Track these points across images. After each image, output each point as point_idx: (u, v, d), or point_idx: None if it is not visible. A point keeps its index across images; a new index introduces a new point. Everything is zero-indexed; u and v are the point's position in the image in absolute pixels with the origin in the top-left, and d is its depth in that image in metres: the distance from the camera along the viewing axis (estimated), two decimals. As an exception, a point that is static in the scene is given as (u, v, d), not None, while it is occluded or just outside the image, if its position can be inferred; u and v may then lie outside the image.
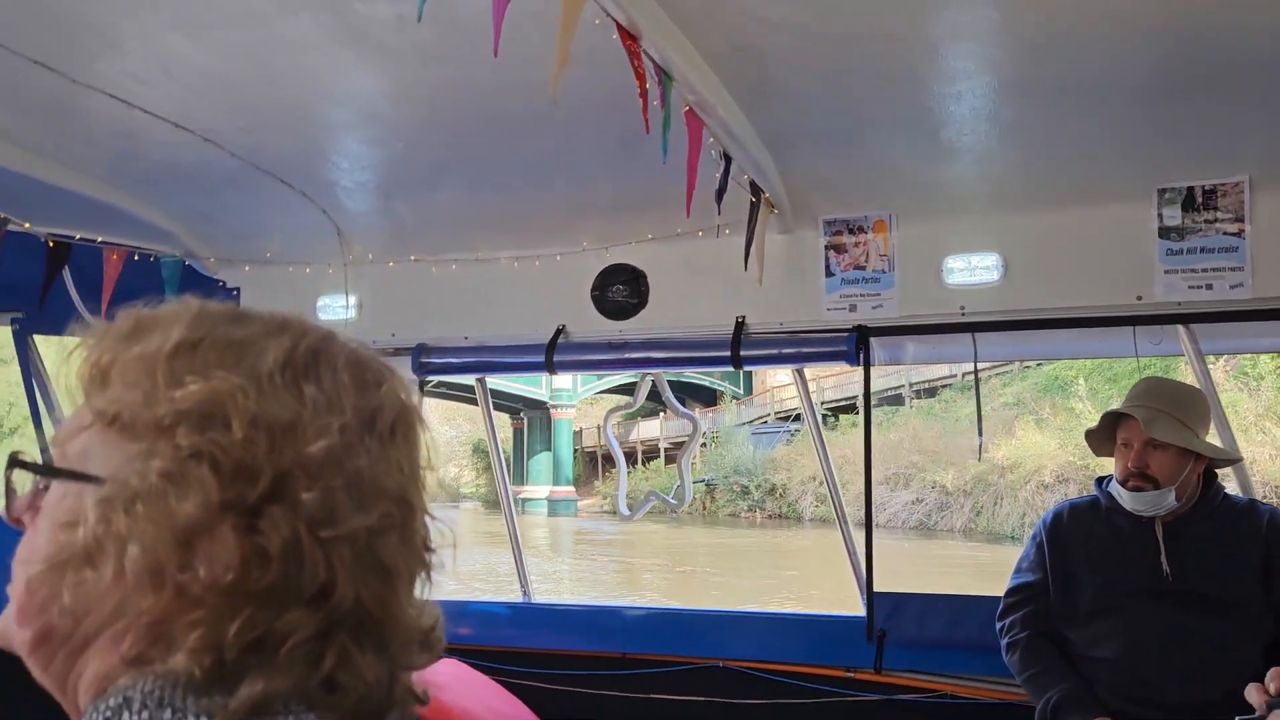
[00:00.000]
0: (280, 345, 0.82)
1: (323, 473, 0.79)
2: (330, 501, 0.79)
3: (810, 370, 4.80)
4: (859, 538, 4.10)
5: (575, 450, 47.69)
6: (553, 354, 4.04)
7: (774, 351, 3.93)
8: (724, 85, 2.74)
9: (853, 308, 3.78)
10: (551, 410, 45.26)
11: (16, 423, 25.75)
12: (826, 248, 3.81)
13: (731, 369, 4.11)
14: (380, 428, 0.85)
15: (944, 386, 34.73)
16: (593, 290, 4.06)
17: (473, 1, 2.32)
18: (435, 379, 4.41)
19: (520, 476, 45.74)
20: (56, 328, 4.70)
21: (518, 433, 47.13)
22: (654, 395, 4.74)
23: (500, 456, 5.41)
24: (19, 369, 4.72)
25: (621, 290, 4.02)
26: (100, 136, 3.41)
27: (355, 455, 0.81)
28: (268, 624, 0.77)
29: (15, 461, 0.84)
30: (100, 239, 4.14)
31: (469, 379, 5.05)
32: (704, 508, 36.80)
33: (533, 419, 46.42)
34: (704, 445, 41.15)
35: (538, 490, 44.96)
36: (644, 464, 42.00)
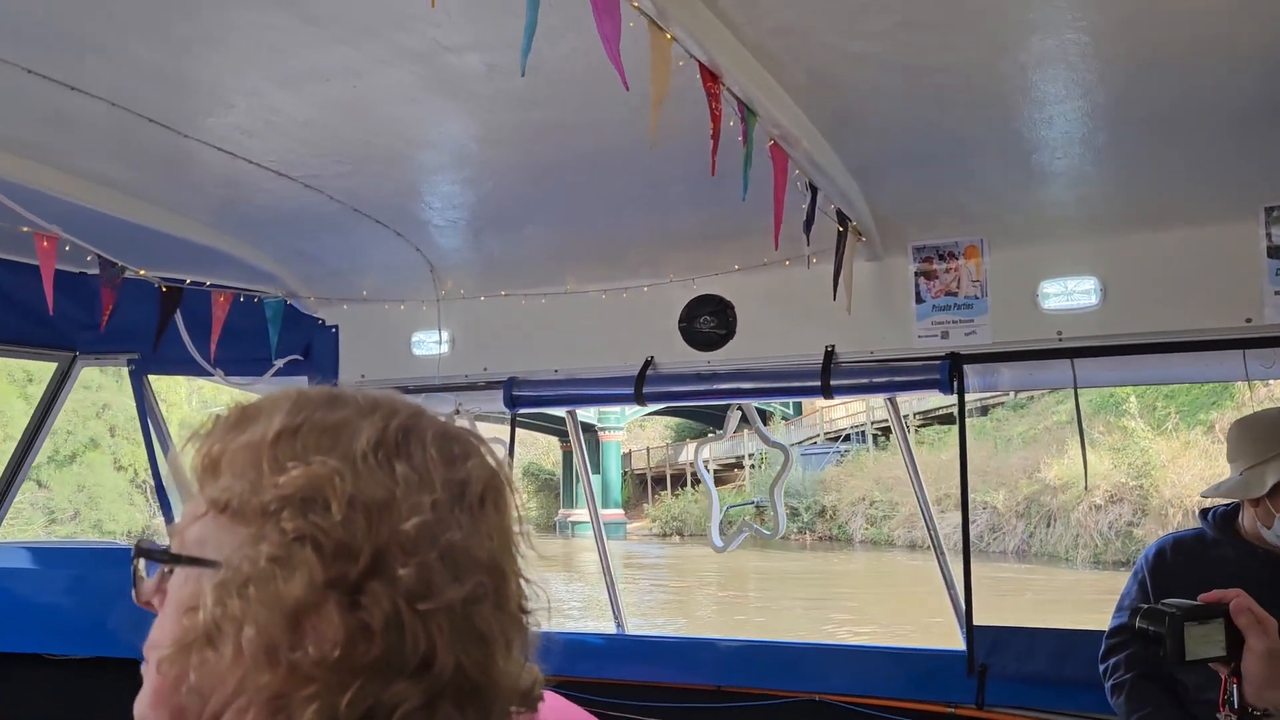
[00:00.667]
0: (373, 425, 0.88)
1: (418, 548, 0.83)
2: (426, 575, 0.83)
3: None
4: (923, 561, 4.03)
5: (624, 473, 47.61)
6: (642, 385, 4.08)
7: (865, 380, 3.90)
8: (808, 118, 2.76)
9: (945, 334, 3.74)
10: (600, 433, 45.43)
11: (75, 448, 26.92)
12: (916, 274, 3.78)
13: (822, 399, 4.10)
14: (469, 499, 0.89)
15: (996, 405, 33.90)
16: (680, 321, 4.09)
17: (558, 50, 2.40)
18: (524, 410, 4.50)
19: (570, 500, 46.02)
20: (169, 368, 4.95)
21: (567, 455, 47.33)
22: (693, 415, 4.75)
23: (590, 485, 5.48)
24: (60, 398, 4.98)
25: (709, 321, 4.04)
26: (207, 185, 3.59)
27: (447, 528, 0.85)
28: (376, 696, 0.81)
29: (141, 550, 0.91)
30: (209, 282, 4.34)
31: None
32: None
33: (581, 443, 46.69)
34: (752, 467, 40.79)
35: (586, 514, 44.94)
36: (693, 487, 41.86)
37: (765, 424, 5.06)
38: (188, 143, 3.13)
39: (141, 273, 4.00)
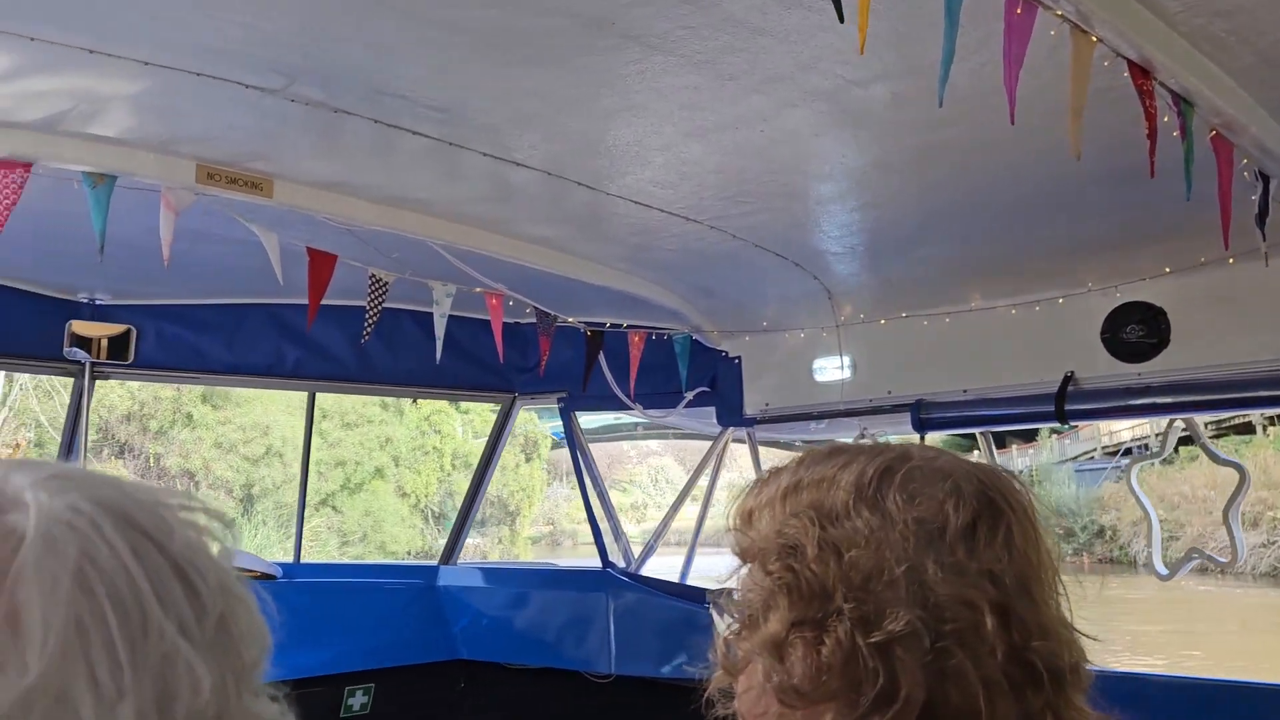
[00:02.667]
0: (850, 475, 0.94)
1: (869, 584, 0.88)
2: (878, 609, 0.87)
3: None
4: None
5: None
6: (1063, 402, 3.85)
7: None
8: (1255, 101, 2.49)
9: None
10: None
11: (363, 477, 29.51)
12: (1400, 260, 3.25)
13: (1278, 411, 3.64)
14: (949, 536, 0.90)
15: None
16: (1103, 333, 3.82)
17: (966, 67, 2.36)
18: (932, 433, 4.41)
19: None
20: (593, 404, 5.43)
21: None
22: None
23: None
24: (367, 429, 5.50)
25: (1137, 330, 3.74)
26: (622, 235, 3.92)
27: (907, 565, 0.88)
28: None
29: (709, 596, 1.04)
30: (625, 324, 4.74)
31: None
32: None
33: None
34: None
35: None
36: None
37: (1033, 439, 4.62)
38: (608, 199, 3.46)
39: (570, 320, 4.45)
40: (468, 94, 2.67)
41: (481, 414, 31.90)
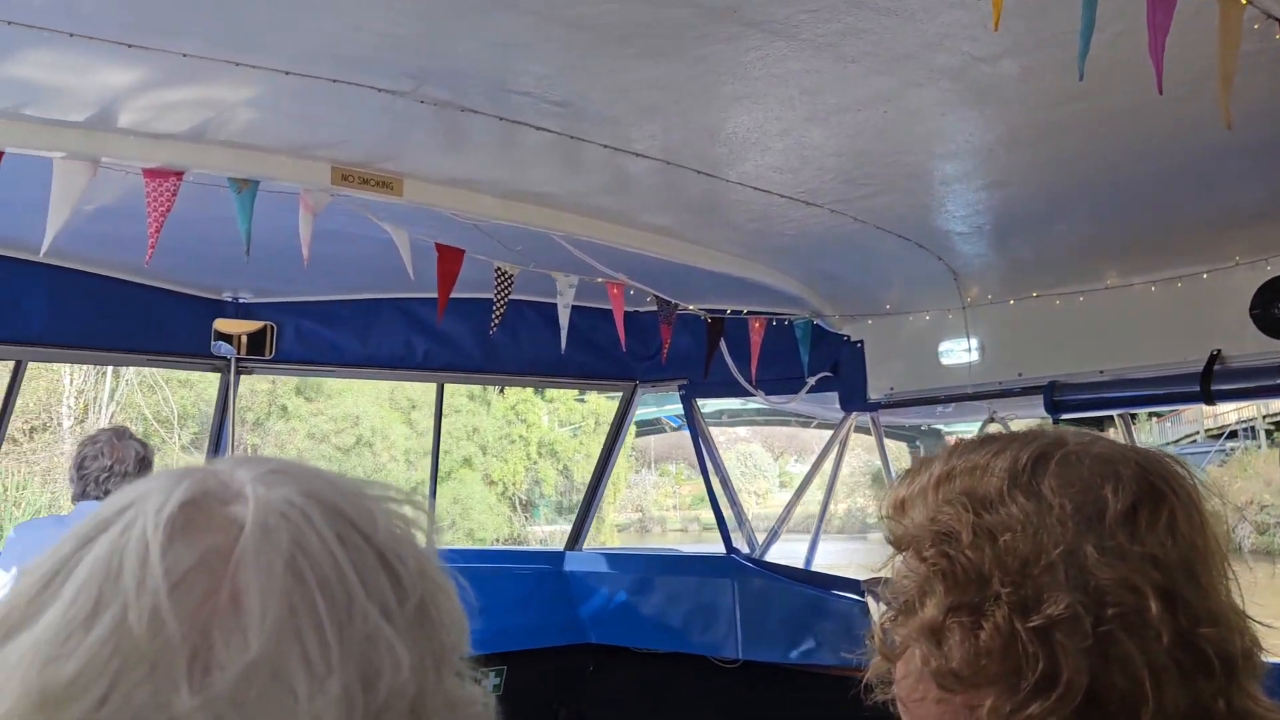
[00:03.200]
0: (1003, 461, 0.95)
1: (1026, 569, 0.88)
2: (1035, 593, 0.87)
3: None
4: None
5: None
6: (1209, 382, 3.69)
7: None
8: None
9: None
10: (947, 438, 41.23)
11: (451, 466, 29.73)
12: None
13: None
14: (1109, 521, 0.89)
15: None
16: (1252, 309, 3.64)
17: (1103, 38, 2.28)
18: (1069, 416, 4.28)
19: None
20: (714, 390, 5.45)
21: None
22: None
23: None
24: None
25: (1290, 306, 3.55)
26: (740, 222, 3.91)
27: (1064, 549, 0.88)
28: (1009, 710, 0.86)
29: (867, 588, 1.06)
30: (745, 310, 4.74)
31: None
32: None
33: (929, 446, 43.83)
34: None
35: None
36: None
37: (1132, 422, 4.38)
38: (727, 186, 3.46)
39: (690, 307, 4.47)
40: (589, 88, 2.71)
41: (565, 403, 32.41)
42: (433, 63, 2.56)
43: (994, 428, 4.62)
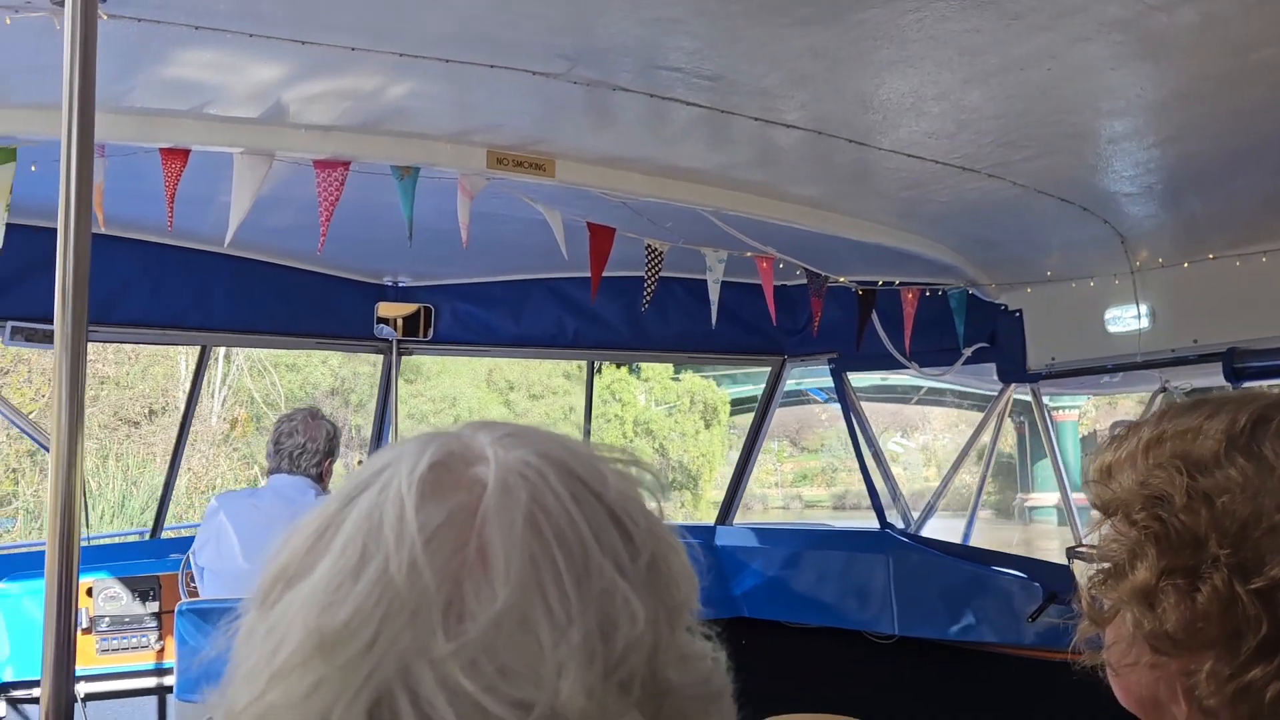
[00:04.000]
0: (1219, 424, 0.93)
1: (1246, 532, 0.87)
2: (1255, 555, 0.86)
3: None
4: None
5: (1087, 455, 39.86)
6: None
7: None
8: None
9: None
10: (1051, 413, 39.32)
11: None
12: None
13: None
14: None
15: None
16: None
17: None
18: (1252, 384, 4.03)
19: (1026, 484, 40.54)
20: (865, 364, 5.38)
21: (1020, 439, 42.17)
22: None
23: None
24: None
25: None
26: (892, 190, 3.83)
27: None
28: (1232, 674, 0.85)
29: (1069, 552, 1.05)
30: (898, 281, 4.64)
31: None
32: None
33: (1033, 423, 41.00)
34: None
35: (1045, 498, 38.87)
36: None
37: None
38: (879, 155, 3.39)
39: (841, 279, 4.41)
40: (741, 61, 2.70)
41: (661, 381, 32.23)
42: (584, 43, 2.60)
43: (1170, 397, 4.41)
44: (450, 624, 0.53)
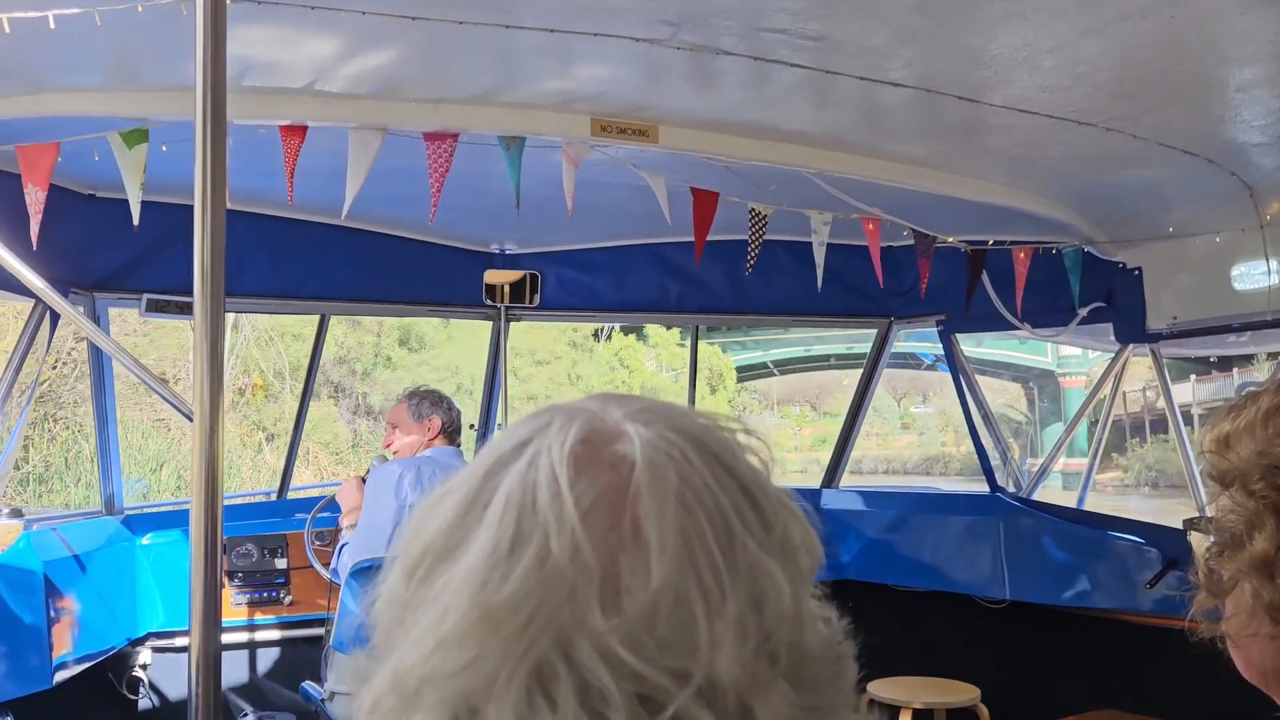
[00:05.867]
0: None
1: None
2: None
3: None
4: None
5: (1094, 421, 37.68)
6: None
7: None
8: None
9: None
10: (1060, 379, 40.15)
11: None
12: None
13: None
14: None
15: None
16: None
17: None
18: None
19: (1033, 449, 39.12)
20: (974, 325, 5.27)
21: (1029, 404, 41.54)
22: None
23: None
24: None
25: None
26: (1003, 147, 3.73)
27: None
28: None
29: (1186, 524, 1.04)
30: (1009, 240, 4.53)
31: None
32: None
33: (1042, 389, 41.50)
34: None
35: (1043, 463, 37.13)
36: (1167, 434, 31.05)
37: (1250, 361, 3.71)
38: (990, 110, 3.30)
39: (949, 240, 4.32)
40: (846, 20, 2.66)
41: (668, 348, 31.73)
42: (688, 8, 2.60)
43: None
44: (607, 599, 0.54)
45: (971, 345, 5.24)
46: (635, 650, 0.53)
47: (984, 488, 5.39)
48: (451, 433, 4.13)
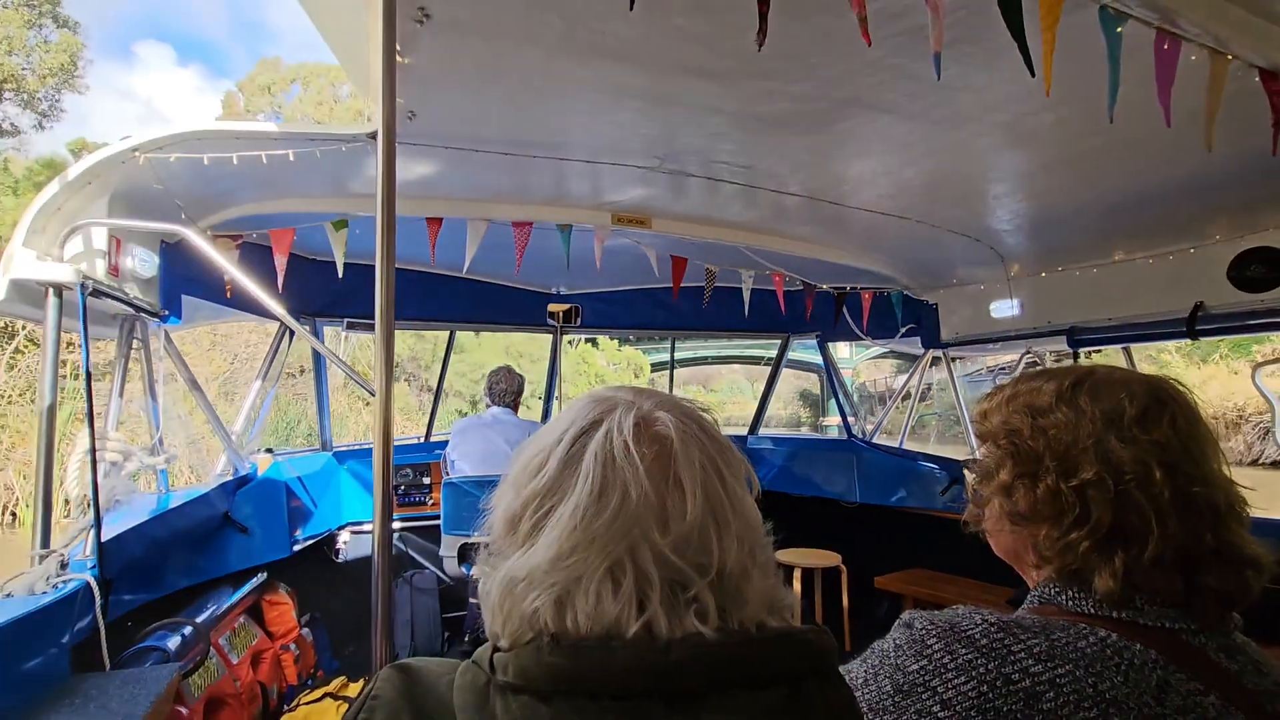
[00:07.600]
0: (1052, 385, 0.90)
1: (1067, 452, 0.84)
2: (1072, 465, 0.82)
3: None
4: None
5: (907, 396, 35.82)
6: (1194, 323, 3.22)
7: None
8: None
9: None
10: (841, 370, 37.22)
11: (527, 398, 26.78)
12: None
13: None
14: (1126, 421, 0.83)
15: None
16: (1229, 272, 3.13)
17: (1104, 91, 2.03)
18: (1085, 350, 3.85)
19: (822, 411, 37.89)
20: (839, 337, 5.22)
21: (821, 385, 39.33)
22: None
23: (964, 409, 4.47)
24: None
25: (1259, 269, 3.03)
26: (856, 231, 3.70)
27: (1092, 440, 0.82)
28: (1060, 537, 0.84)
29: (962, 464, 1.03)
30: (860, 286, 4.53)
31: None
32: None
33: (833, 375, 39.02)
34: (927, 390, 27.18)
35: (833, 420, 35.32)
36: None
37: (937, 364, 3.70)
38: (848, 210, 3.31)
39: (824, 286, 4.29)
40: (763, 156, 2.68)
41: (610, 351, 29.88)
42: (669, 149, 2.62)
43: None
44: (661, 525, 0.52)
45: (813, 352, 5.19)
46: (679, 554, 0.52)
47: (844, 436, 5.39)
48: (502, 398, 3.96)
